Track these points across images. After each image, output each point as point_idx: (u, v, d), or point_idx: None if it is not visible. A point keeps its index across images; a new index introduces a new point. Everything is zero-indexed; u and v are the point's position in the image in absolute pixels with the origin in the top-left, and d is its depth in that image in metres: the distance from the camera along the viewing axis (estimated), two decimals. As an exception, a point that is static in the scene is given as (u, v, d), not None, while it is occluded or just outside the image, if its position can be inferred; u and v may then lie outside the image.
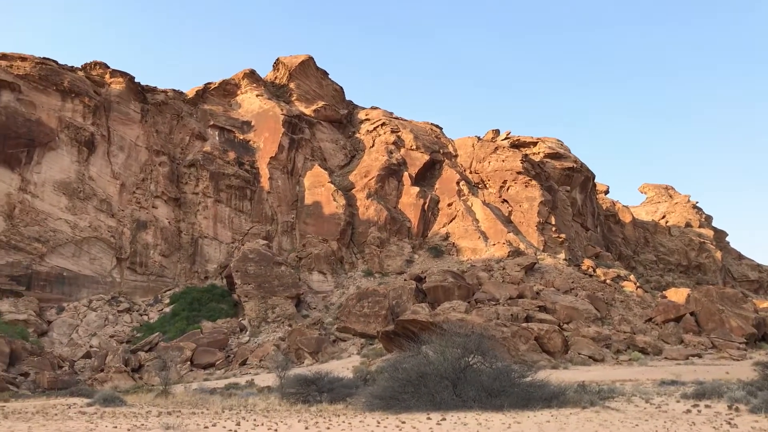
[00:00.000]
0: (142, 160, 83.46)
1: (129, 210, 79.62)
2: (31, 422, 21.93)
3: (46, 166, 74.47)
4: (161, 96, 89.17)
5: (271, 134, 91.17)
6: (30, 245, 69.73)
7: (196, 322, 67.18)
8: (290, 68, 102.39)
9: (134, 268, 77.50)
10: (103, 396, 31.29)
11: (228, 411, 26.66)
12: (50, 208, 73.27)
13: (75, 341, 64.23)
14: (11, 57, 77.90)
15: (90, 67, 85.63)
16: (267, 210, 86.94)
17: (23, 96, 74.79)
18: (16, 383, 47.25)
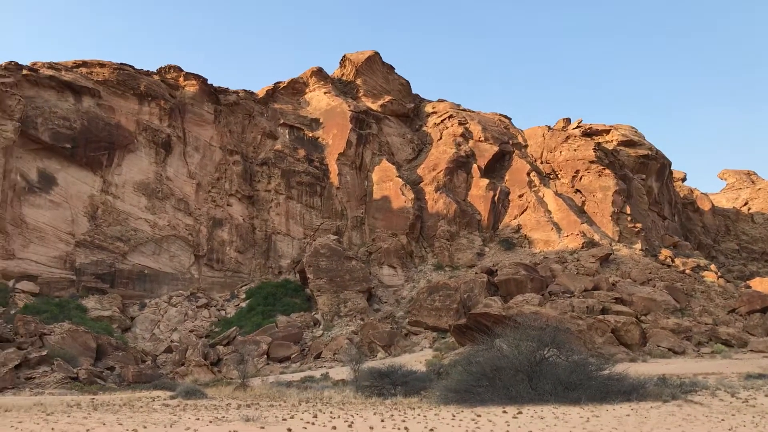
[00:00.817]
0: (216, 159, 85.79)
1: (205, 208, 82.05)
2: (119, 414, 22.94)
3: (126, 168, 77.44)
4: (233, 97, 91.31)
5: (339, 131, 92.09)
6: (113, 244, 72.76)
7: (271, 316, 68.65)
8: (356, 64, 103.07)
9: (211, 265, 79.87)
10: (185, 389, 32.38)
11: (305, 404, 27.19)
12: (131, 208, 76.22)
13: (157, 336, 66.71)
14: (90, 64, 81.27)
15: (165, 71, 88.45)
16: (336, 205, 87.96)
17: (103, 101, 77.93)
18: (103, 377, 49.37)
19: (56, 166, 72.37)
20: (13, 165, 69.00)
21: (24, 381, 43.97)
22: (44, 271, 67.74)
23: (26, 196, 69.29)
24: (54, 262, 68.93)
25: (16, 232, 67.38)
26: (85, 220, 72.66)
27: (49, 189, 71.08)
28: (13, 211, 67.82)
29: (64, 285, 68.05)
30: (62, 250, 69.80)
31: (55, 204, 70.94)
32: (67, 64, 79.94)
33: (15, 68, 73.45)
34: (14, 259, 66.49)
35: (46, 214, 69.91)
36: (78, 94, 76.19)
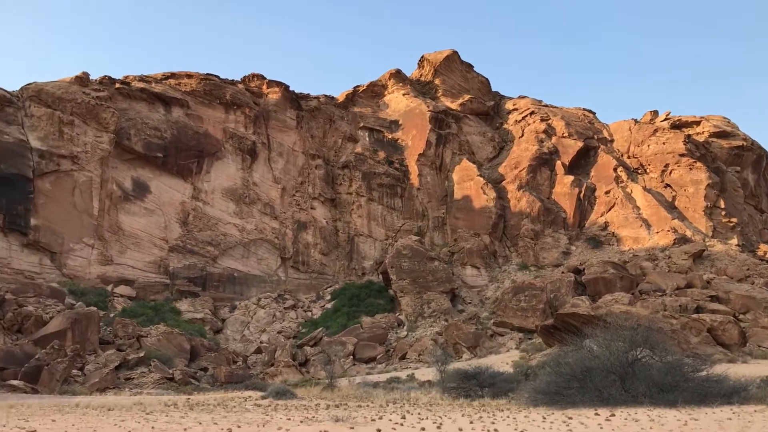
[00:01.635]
0: (299, 164, 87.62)
1: (290, 212, 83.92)
2: (214, 414, 23.69)
3: (215, 175, 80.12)
4: (314, 102, 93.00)
5: (419, 131, 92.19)
6: (204, 249, 75.42)
7: (356, 317, 69.40)
8: (435, 64, 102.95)
9: (297, 267, 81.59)
10: (276, 389, 33.13)
11: (392, 404, 27.33)
12: (220, 214, 78.82)
13: (247, 337, 68.63)
14: (179, 75, 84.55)
15: (248, 80, 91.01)
16: (417, 206, 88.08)
17: (191, 111, 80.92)
18: (197, 377, 51.14)
19: (149, 174, 75.63)
20: (110, 175, 72.52)
21: (124, 381, 46.08)
22: (140, 276, 70.91)
23: (122, 204, 72.70)
24: (149, 267, 72.06)
25: (113, 239, 70.79)
26: (177, 226, 75.61)
27: (143, 197, 74.38)
28: (110, 219, 71.29)
29: (159, 289, 71.03)
30: (156, 255, 72.90)
31: (149, 211, 74.15)
32: (156, 76, 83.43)
33: (109, 82, 77.27)
34: (112, 265, 69.89)
35: (140, 221, 73.17)
36: (168, 105, 79.40)
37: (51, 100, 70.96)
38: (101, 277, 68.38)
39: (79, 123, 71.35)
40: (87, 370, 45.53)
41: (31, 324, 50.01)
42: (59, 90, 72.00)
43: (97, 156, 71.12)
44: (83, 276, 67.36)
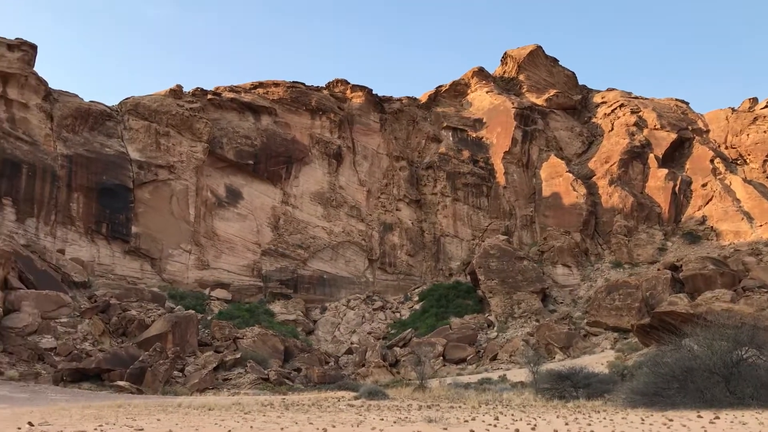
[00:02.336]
0: (383, 166, 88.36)
1: (376, 214, 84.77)
2: (309, 413, 24.20)
3: (303, 180, 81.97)
4: (397, 104, 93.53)
5: (504, 129, 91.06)
6: (294, 252, 77.25)
7: (445, 318, 69.26)
8: (518, 60, 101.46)
9: (384, 268, 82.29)
10: (368, 390, 33.52)
11: (484, 405, 27.14)
12: (309, 217, 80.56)
13: (338, 338, 69.74)
14: (266, 84, 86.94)
15: (333, 85, 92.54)
16: (504, 205, 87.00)
17: (279, 118, 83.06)
18: (291, 378, 52.35)
19: (241, 181, 78.16)
20: (204, 183, 75.39)
21: (222, 382, 47.73)
22: (235, 279, 73.36)
23: (216, 210, 75.46)
24: (243, 271, 74.45)
25: (209, 244, 73.56)
26: (268, 230, 77.80)
27: (236, 203, 76.95)
28: (206, 225, 74.10)
29: (253, 291, 73.27)
30: (250, 259, 75.24)
31: (241, 216, 76.66)
32: (245, 86, 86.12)
33: (201, 94, 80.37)
34: (209, 269, 72.62)
35: (234, 226, 75.73)
36: (257, 113, 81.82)
37: (148, 113, 74.47)
38: (198, 281, 71.17)
39: (175, 134, 74.58)
40: (187, 371, 47.43)
41: (135, 327, 52.56)
42: (155, 103, 75.47)
43: (192, 165, 74.11)
44: (182, 280, 70.32)
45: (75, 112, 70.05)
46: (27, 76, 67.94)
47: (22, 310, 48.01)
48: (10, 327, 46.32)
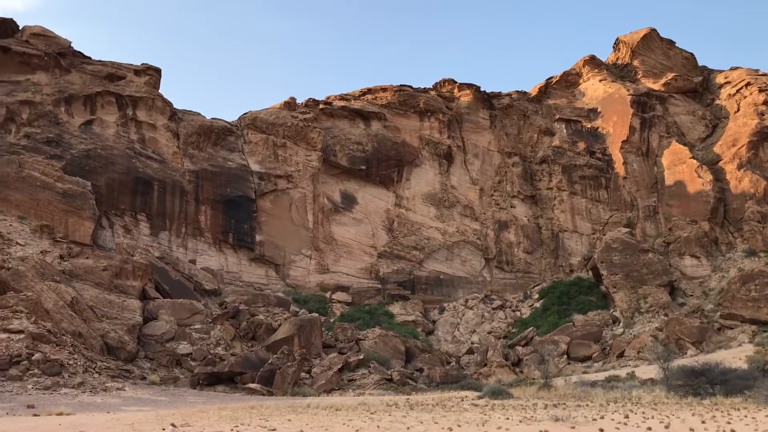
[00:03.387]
0: (495, 163, 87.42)
1: (490, 212, 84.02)
2: (433, 413, 24.44)
3: (414, 182, 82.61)
4: (506, 100, 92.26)
5: (620, 117, 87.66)
6: (409, 253, 77.99)
7: (567, 315, 67.60)
8: (631, 45, 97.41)
9: (501, 267, 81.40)
10: (491, 389, 33.36)
11: (613, 404, 26.36)
12: (422, 219, 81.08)
13: (458, 338, 69.70)
14: (374, 90, 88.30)
15: (440, 85, 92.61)
16: (625, 196, 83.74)
17: (388, 122, 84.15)
18: (413, 378, 52.87)
19: (355, 186, 79.89)
20: (320, 190, 77.66)
21: (347, 382, 48.94)
22: (354, 282, 75.04)
23: (333, 216, 77.55)
24: (361, 273, 76.04)
25: (328, 249, 75.70)
26: (383, 233, 79.04)
27: (351, 208, 78.75)
28: (324, 231, 76.30)
29: (372, 293, 74.60)
30: (367, 262, 76.73)
31: (357, 221, 78.35)
32: (355, 93, 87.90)
33: (313, 104, 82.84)
34: (329, 273, 74.73)
35: (350, 231, 77.53)
36: (367, 119, 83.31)
37: (265, 126, 77.67)
38: (320, 285, 73.39)
39: (291, 144, 77.36)
40: (314, 373, 48.98)
41: (263, 331, 54.89)
42: (271, 116, 78.59)
43: (308, 173, 76.58)
44: (304, 285, 72.80)
45: (199, 130, 74.16)
46: (154, 99, 72.62)
47: (159, 318, 51.36)
48: (150, 334, 49.66)
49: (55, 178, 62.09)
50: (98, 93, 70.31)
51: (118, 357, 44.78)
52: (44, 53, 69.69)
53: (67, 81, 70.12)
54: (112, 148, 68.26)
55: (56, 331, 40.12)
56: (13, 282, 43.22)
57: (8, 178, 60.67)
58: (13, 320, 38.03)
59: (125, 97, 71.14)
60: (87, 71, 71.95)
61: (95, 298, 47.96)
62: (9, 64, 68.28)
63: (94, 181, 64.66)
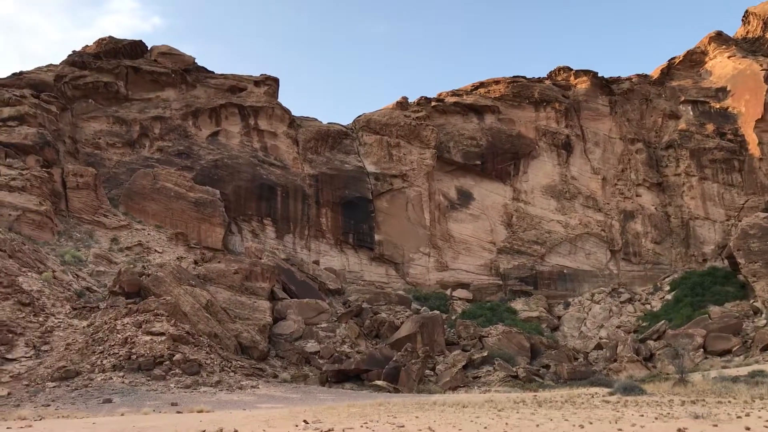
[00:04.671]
0: (617, 151, 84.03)
1: (614, 202, 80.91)
2: (563, 410, 23.85)
3: (532, 174, 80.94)
4: (626, 84, 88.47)
5: (752, 95, 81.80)
6: (530, 248, 76.53)
7: (702, 307, 63.93)
8: (764, 17, 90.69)
9: (628, 259, 78.19)
10: (623, 385, 32.12)
11: (759, 400, 24.70)
12: (542, 212, 79.30)
13: (584, 334, 67.63)
14: (487, 83, 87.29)
15: (555, 74, 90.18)
16: (761, 179, 78.11)
17: (502, 115, 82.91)
18: (540, 375, 51.89)
19: (470, 182, 79.37)
20: (435, 187, 77.78)
21: (471, 380, 48.76)
22: (474, 279, 74.58)
23: (449, 213, 77.45)
24: (481, 270, 75.43)
25: (446, 246, 75.71)
26: (502, 228, 78.02)
27: (468, 204, 78.31)
28: (441, 228, 76.37)
29: (493, 290, 73.83)
30: (486, 258, 76.03)
31: (474, 217, 77.82)
32: (466, 88, 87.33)
33: (425, 102, 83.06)
34: (448, 270, 74.73)
35: (468, 227, 77.12)
36: (480, 113, 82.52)
37: (378, 127, 78.78)
38: (440, 283, 73.53)
39: (404, 144, 77.98)
40: (438, 370, 49.16)
41: (386, 329, 55.70)
42: (384, 117, 79.61)
43: (423, 171, 76.91)
44: (424, 282, 73.20)
45: (316, 135, 76.41)
46: (273, 108, 75.56)
47: (287, 317, 53.29)
48: (279, 333, 51.62)
49: (187, 188, 66.10)
50: (222, 105, 74.07)
51: (251, 356, 46.87)
52: (171, 71, 74.27)
53: (193, 96, 74.34)
54: (238, 157, 71.68)
55: (194, 332, 42.55)
56: (153, 287, 46.29)
57: (145, 190, 65.29)
58: (155, 323, 40.67)
59: (247, 107, 74.49)
60: (210, 85, 75.97)
61: (228, 300, 50.43)
62: (140, 83, 73.30)
63: (223, 189, 68.30)
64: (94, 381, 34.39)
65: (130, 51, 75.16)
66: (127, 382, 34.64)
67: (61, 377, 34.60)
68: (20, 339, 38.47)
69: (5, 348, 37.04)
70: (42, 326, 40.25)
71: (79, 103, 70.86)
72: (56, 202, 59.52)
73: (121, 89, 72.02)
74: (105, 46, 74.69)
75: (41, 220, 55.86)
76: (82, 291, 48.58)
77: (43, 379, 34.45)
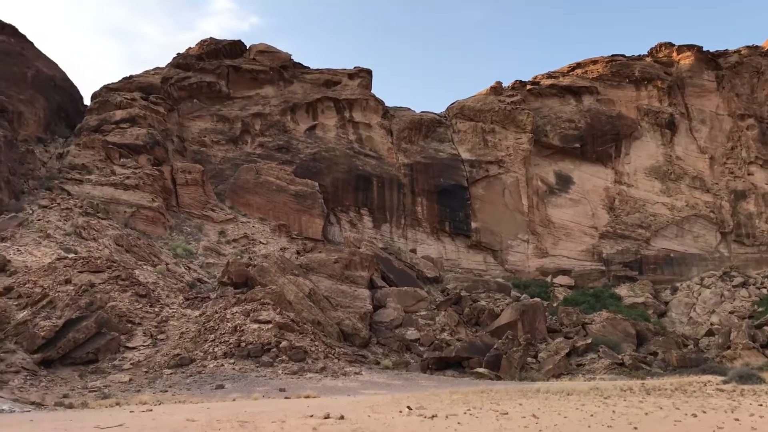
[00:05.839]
0: (726, 128, 79.73)
1: (723, 182, 76.93)
2: (673, 398, 23.16)
3: (634, 156, 78.12)
4: (734, 57, 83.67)
5: None
6: (634, 232, 74.00)
7: (825, 291, 60.00)
8: None
9: (741, 241, 74.26)
10: (738, 373, 30.80)
11: None
12: (645, 194, 76.44)
13: (694, 320, 64.82)
14: (584, 64, 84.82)
15: (656, 50, 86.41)
16: None
17: (601, 96, 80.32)
18: (647, 362, 50.20)
19: (569, 166, 77.50)
20: (533, 172, 76.43)
21: (575, 367, 47.82)
22: (575, 265, 72.91)
23: (548, 198, 75.97)
24: (582, 256, 73.63)
25: (545, 232, 74.36)
26: (603, 213, 75.81)
27: (567, 188, 76.55)
28: (540, 214, 75.04)
29: (595, 276, 71.97)
30: (588, 243, 74.14)
31: (574, 201, 76.00)
32: (563, 69, 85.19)
33: (520, 86, 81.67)
34: (548, 257, 73.40)
35: (567, 212, 75.42)
36: (577, 95, 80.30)
37: (472, 113, 78.15)
38: (539, 269, 72.36)
39: (499, 129, 77.00)
40: (540, 358, 48.52)
41: (486, 317, 55.45)
42: (478, 103, 78.87)
43: (519, 157, 75.75)
44: (523, 270, 72.26)
45: (410, 124, 76.72)
46: (367, 99, 76.45)
47: (387, 306, 54.02)
48: (380, 321, 52.43)
49: (288, 181, 68.16)
50: (318, 99, 75.64)
51: (353, 343, 47.88)
52: (269, 68, 76.48)
53: (290, 91, 76.32)
54: (334, 149, 73.10)
55: (298, 320, 43.90)
56: (259, 277, 48.10)
57: (248, 184, 67.83)
58: (261, 312, 42.25)
59: (342, 100, 75.74)
60: (306, 80, 77.72)
61: (329, 288, 51.67)
62: (241, 82, 75.90)
63: (321, 182, 69.93)
64: (207, 368, 36.15)
65: (230, 51, 77.88)
66: (237, 368, 36.20)
67: (176, 364, 36.57)
68: (138, 328, 40.93)
69: (125, 337, 39.52)
70: (158, 316, 42.64)
71: (184, 103, 74.20)
72: (167, 198, 62.71)
73: (222, 88, 74.83)
74: (206, 47, 77.74)
75: (154, 215, 59.13)
76: (194, 282, 51.14)
77: (160, 366, 36.51)
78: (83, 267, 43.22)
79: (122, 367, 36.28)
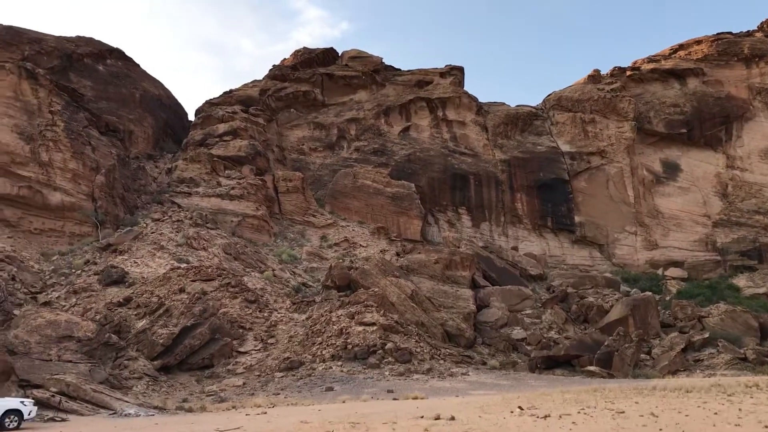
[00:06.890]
0: None
1: None
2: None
3: (747, 138, 73.66)
4: None
5: None
6: (751, 219, 69.65)
7: None
8: None
9: None
10: None
11: None
12: (762, 178, 71.87)
13: (824, 310, 60.26)
14: (686, 45, 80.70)
15: (766, 25, 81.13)
16: None
17: (707, 77, 76.17)
18: (773, 356, 47.16)
19: (676, 152, 73.97)
20: (637, 161, 73.42)
21: (693, 363, 45.53)
22: (688, 256, 69.38)
23: (655, 187, 72.75)
24: (695, 246, 70.01)
25: (653, 223, 71.23)
26: (716, 200, 71.85)
27: (675, 176, 73.06)
28: (647, 204, 71.96)
29: (710, 266, 68.26)
30: (700, 233, 70.42)
31: (683, 189, 72.44)
32: (664, 53, 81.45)
33: (619, 73, 78.72)
34: (658, 249, 70.24)
35: (677, 201, 71.94)
36: (681, 78, 76.54)
37: (570, 104, 76.00)
38: (649, 262, 69.38)
39: (600, 119, 74.47)
40: (654, 354, 46.53)
41: (594, 313, 53.75)
42: (576, 93, 76.62)
43: (622, 146, 72.99)
44: (632, 263, 69.50)
45: (505, 119, 75.57)
46: (460, 97, 75.92)
47: (491, 305, 53.35)
48: (484, 321, 51.85)
49: (384, 183, 68.68)
50: (410, 101, 75.86)
51: (458, 344, 47.60)
52: (362, 73, 77.46)
53: (383, 95, 76.94)
54: (429, 149, 73.00)
55: (402, 321, 44.09)
56: (361, 280, 48.67)
57: (346, 188, 68.90)
58: (365, 314, 42.72)
59: (434, 100, 75.59)
60: (398, 82, 78.13)
61: (431, 289, 51.60)
62: (335, 88, 77.24)
63: (417, 182, 70.02)
64: (316, 370, 36.92)
65: (323, 59, 79.44)
66: (345, 370, 36.77)
67: (287, 367, 37.55)
68: (249, 333, 42.34)
69: (238, 342, 40.96)
70: (267, 321, 43.94)
71: (282, 113, 76.27)
72: (270, 206, 64.61)
73: (317, 96, 76.38)
74: (300, 57, 79.64)
75: (259, 223, 61.07)
76: (299, 286, 52.40)
77: (271, 369, 37.61)
78: (195, 276, 45.14)
79: (236, 372, 37.62)
